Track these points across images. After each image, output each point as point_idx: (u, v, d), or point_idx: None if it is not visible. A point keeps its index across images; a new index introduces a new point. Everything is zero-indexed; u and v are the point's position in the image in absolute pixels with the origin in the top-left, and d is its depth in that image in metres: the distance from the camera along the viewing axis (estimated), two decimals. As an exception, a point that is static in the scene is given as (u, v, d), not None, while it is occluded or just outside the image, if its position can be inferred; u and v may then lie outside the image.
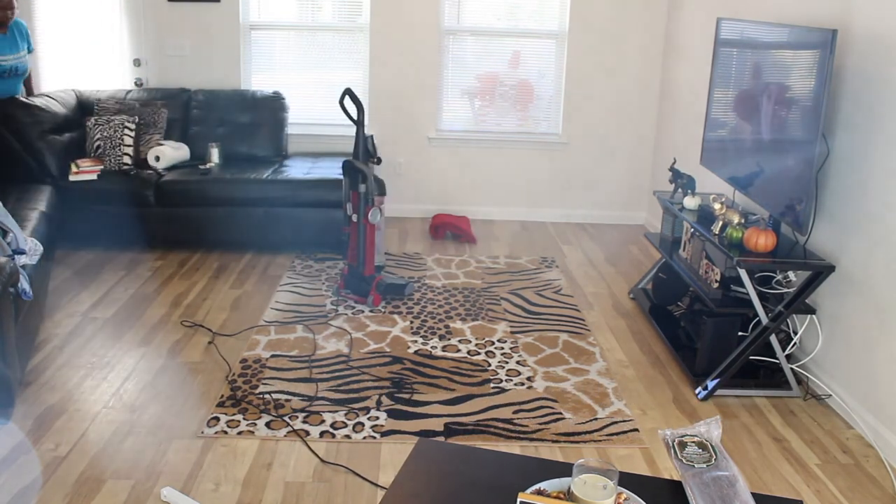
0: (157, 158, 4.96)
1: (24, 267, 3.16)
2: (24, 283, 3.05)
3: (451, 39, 5.70)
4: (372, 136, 4.23)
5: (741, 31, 3.80)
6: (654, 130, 5.86)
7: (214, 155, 5.13)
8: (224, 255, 4.90)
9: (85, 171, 4.78)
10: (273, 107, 5.45)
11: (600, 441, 2.93)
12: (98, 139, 4.94)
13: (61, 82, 5.61)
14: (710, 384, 3.30)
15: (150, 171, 4.89)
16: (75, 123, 5.09)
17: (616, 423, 3.06)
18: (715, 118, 4.09)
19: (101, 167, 4.87)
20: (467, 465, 1.66)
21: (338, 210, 4.81)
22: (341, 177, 4.85)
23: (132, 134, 4.94)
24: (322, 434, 2.91)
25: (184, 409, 3.05)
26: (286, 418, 3.00)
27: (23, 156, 4.72)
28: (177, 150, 5.09)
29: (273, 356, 3.52)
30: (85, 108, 5.24)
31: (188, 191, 4.77)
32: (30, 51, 4.85)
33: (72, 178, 4.75)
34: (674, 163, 4.28)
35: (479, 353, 3.62)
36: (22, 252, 3.17)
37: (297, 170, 5.03)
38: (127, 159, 4.92)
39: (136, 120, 5.00)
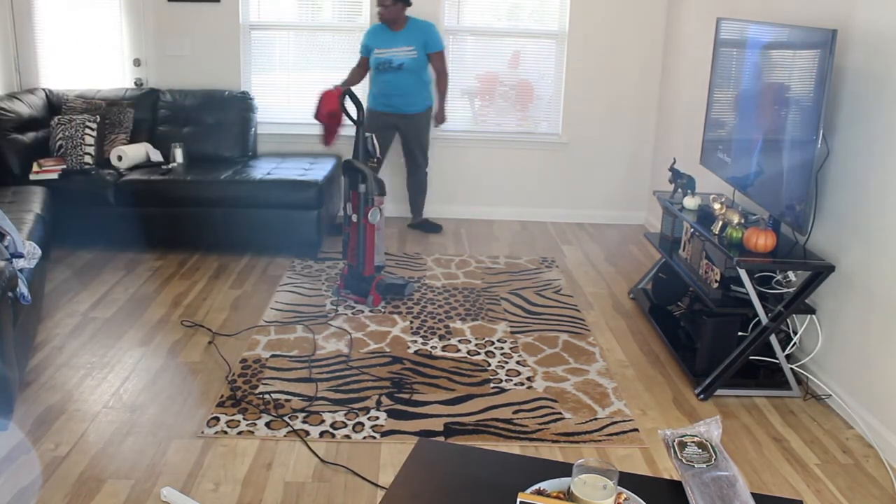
0: (120, 158, 4.97)
1: (22, 271, 3.16)
2: (22, 288, 3.05)
3: (451, 39, 5.70)
4: (372, 136, 4.23)
5: (741, 31, 3.80)
6: (654, 130, 5.86)
7: (178, 155, 5.14)
8: (223, 255, 4.90)
9: (46, 170, 4.77)
10: (240, 107, 5.44)
11: (600, 441, 2.93)
12: (60, 138, 4.93)
13: (61, 82, 5.62)
14: (710, 384, 3.30)
15: (111, 171, 4.89)
16: (42, 123, 5.09)
17: (616, 423, 3.06)
18: (715, 118, 4.09)
19: (64, 167, 4.85)
20: (467, 465, 1.66)
21: (297, 211, 4.79)
22: (300, 178, 4.86)
23: (93, 133, 4.94)
24: (322, 434, 2.91)
25: (184, 409, 3.05)
26: (286, 418, 3.00)
27: None
28: (141, 151, 5.10)
29: (273, 356, 3.52)
30: (55, 107, 5.26)
31: (147, 191, 4.76)
32: None
33: (32, 176, 4.73)
34: (674, 163, 4.28)
35: (478, 353, 3.62)
36: (20, 255, 3.17)
37: (258, 171, 5.00)
38: (88, 159, 4.91)
39: (98, 119, 5.00)
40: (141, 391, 3.18)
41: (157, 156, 5.17)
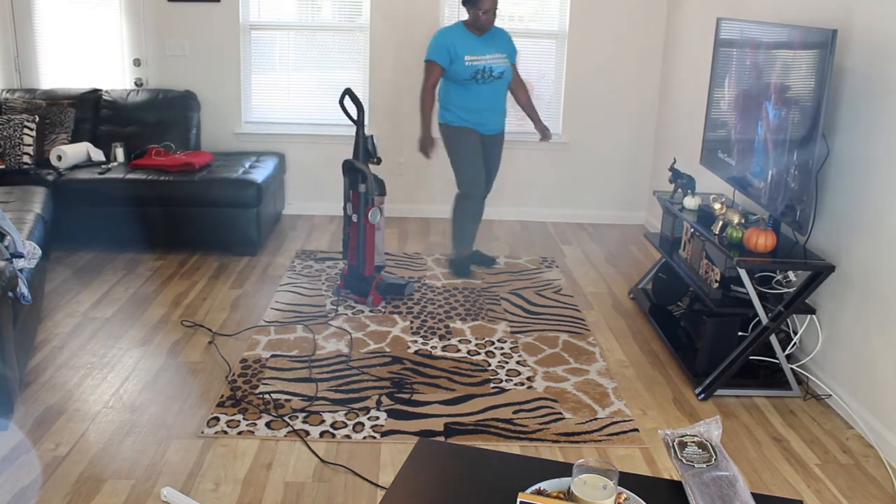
0: (59, 158, 4.96)
1: (22, 271, 3.16)
2: (22, 288, 3.05)
3: (451, 39, 5.69)
4: (372, 136, 4.22)
5: (741, 31, 3.80)
6: (654, 130, 5.86)
7: (119, 154, 5.15)
8: (223, 255, 4.90)
9: None
10: (183, 105, 5.45)
11: (600, 441, 2.93)
12: None
13: (60, 82, 5.62)
14: (710, 384, 3.30)
15: (51, 171, 4.88)
16: None
17: (616, 423, 3.06)
18: (715, 118, 4.09)
19: (2, 167, 4.82)
20: (467, 465, 1.66)
21: (234, 209, 4.79)
22: (239, 177, 4.87)
23: (32, 133, 4.91)
24: (322, 434, 2.91)
25: (184, 409, 3.05)
26: (286, 418, 3.00)
27: None
28: (81, 150, 5.08)
29: (273, 356, 3.52)
30: None
31: (86, 190, 4.76)
32: None
33: None
34: (674, 163, 4.28)
35: (479, 353, 3.62)
36: (20, 255, 3.17)
37: (200, 169, 4.99)
38: (27, 158, 4.88)
39: (37, 119, 4.97)
40: (141, 391, 3.18)
41: (98, 155, 5.14)
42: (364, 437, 2.90)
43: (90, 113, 5.37)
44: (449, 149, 4.55)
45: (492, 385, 3.32)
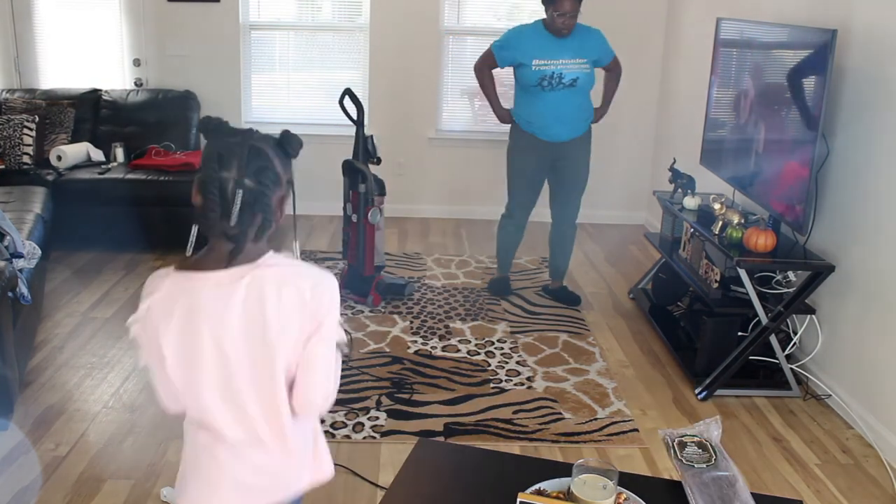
0: (59, 158, 4.95)
1: (22, 271, 3.16)
2: (22, 288, 3.05)
3: (451, 39, 5.70)
4: (372, 136, 4.22)
5: (741, 31, 3.80)
6: (654, 130, 5.86)
7: (119, 154, 5.15)
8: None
9: None
10: (183, 105, 5.45)
11: (600, 441, 2.93)
12: None
13: (60, 82, 5.62)
14: (710, 384, 3.30)
15: (50, 171, 4.87)
16: None
17: (616, 423, 3.06)
18: (715, 118, 4.09)
19: (2, 167, 4.81)
20: (467, 465, 1.66)
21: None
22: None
23: (32, 133, 4.89)
24: (322, 434, 2.90)
25: (184, 410, 3.05)
26: (286, 418, 2.99)
27: None
28: (81, 150, 5.07)
29: (273, 356, 3.52)
30: None
31: (86, 190, 4.76)
32: None
33: None
34: (674, 163, 4.28)
35: (478, 353, 3.62)
36: (20, 255, 3.17)
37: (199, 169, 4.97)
38: (27, 158, 4.87)
39: (37, 119, 4.95)
40: (141, 391, 3.18)
41: (98, 155, 5.13)
42: (364, 437, 2.89)
43: (90, 113, 5.36)
44: (508, 150, 4.23)
45: (492, 385, 3.32)
